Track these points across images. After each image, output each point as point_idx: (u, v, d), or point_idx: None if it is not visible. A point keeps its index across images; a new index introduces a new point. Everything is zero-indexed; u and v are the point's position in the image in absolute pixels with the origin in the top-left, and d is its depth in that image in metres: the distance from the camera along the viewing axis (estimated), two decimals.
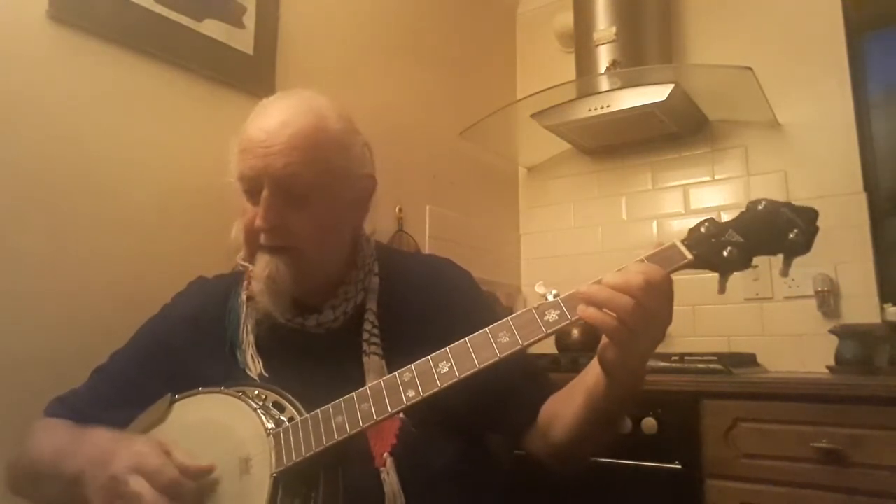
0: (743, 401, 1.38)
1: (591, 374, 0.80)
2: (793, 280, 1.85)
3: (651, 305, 0.70)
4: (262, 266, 0.89)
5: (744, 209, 0.77)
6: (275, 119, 0.90)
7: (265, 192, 0.88)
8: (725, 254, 0.75)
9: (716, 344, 1.93)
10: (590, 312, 0.71)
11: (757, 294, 1.91)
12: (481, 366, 0.73)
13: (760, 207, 0.76)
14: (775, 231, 0.75)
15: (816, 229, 0.74)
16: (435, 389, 0.73)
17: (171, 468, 0.73)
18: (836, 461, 1.25)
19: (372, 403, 0.75)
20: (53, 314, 1.14)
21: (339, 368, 0.90)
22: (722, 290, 0.76)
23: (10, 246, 1.10)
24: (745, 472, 1.35)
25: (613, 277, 0.71)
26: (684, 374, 1.49)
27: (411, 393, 0.74)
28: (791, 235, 0.74)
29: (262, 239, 0.90)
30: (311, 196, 0.90)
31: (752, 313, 1.94)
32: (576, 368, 1.59)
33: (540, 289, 0.76)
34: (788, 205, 0.75)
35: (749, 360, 1.81)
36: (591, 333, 0.74)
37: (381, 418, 0.75)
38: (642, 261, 0.75)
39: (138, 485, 0.71)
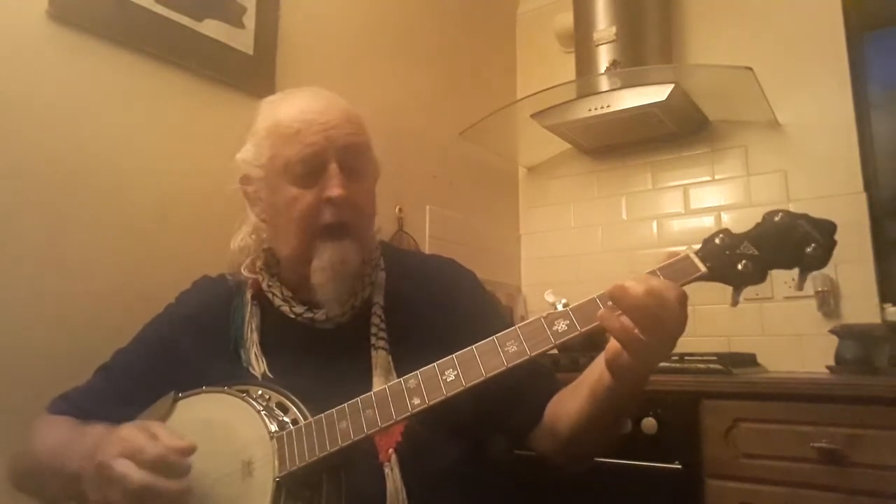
0: (743, 401, 1.38)
1: (596, 372, 0.80)
2: (793, 280, 1.84)
3: (671, 323, 0.69)
4: (333, 252, 0.90)
5: (760, 220, 0.75)
6: (317, 102, 0.94)
7: (334, 165, 0.90)
8: (740, 267, 0.73)
9: (716, 344, 1.92)
10: (611, 323, 0.70)
11: (757, 294, 1.90)
12: (488, 375, 0.72)
13: (777, 219, 0.74)
14: (792, 245, 0.73)
15: (834, 243, 0.72)
16: (441, 398, 0.73)
17: (154, 444, 0.73)
18: (836, 461, 1.25)
19: (377, 409, 0.75)
20: (55, 314, 1.14)
21: (345, 363, 0.90)
22: (735, 303, 0.74)
23: (11, 246, 1.10)
24: (745, 472, 1.35)
25: (639, 288, 0.69)
26: (684, 374, 1.49)
27: (416, 400, 0.74)
28: (808, 250, 0.72)
29: (331, 216, 0.89)
30: (364, 168, 0.94)
31: (752, 313, 1.94)
32: (576, 368, 1.60)
33: (549, 297, 0.75)
34: (806, 217, 0.74)
35: (749, 360, 1.81)
36: (592, 333, 0.74)
37: (385, 425, 0.74)
38: (655, 272, 0.74)
39: (124, 466, 0.71)
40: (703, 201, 2.13)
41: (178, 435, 0.76)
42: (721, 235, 0.75)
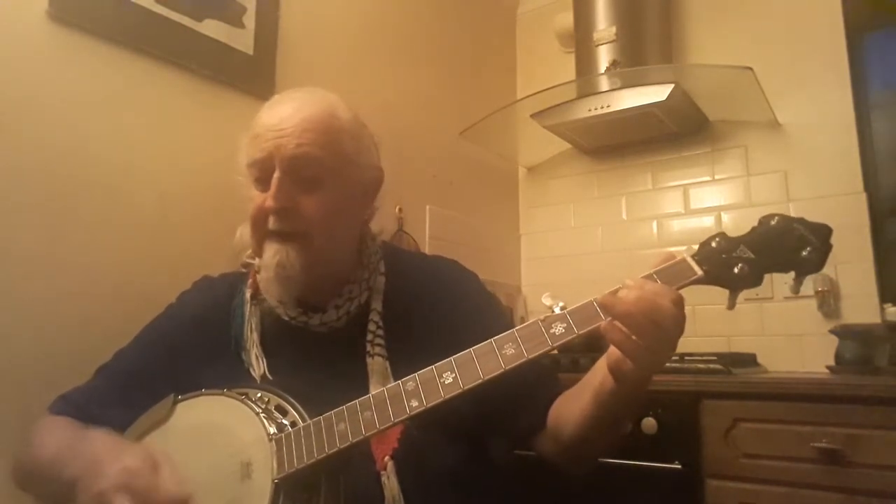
0: (743, 401, 1.38)
1: (598, 376, 0.80)
2: (786, 284, 1.86)
3: (667, 326, 0.70)
4: (272, 253, 0.89)
5: (756, 224, 0.76)
6: (287, 106, 0.93)
7: (276, 174, 0.89)
8: (736, 270, 0.74)
9: (716, 344, 1.92)
10: (613, 335, 0.70)
11: (757, 294, 1.90)
12: (486, 378, 0.72)
13: (773, 223, 0.75)
14: (788, 248, 0.73)
15: (830, 247, 0.73)
16: (438, 400, 0.73)
17: (157, 488, 0.71)
18: (836, 461, 1.25)
19: (375, 412, 0.75)
20: (55, 314, 1.14)
21: (342, 369, 0.90)
22: (731, 306, 0.75)
23: (11, 246, 1.10)
24: (745, 472, 1.35)
25: (630, 295, 0.70)
26: (684, 374, 1.49)
27: (415, 403, 0.74)
28: (804, 253, 0.73)
29: (271, 223, 0.89)
30: (321, 179, 0.91)
31: (752, 313, 1.94)
32: (576, 369, 1.60)
33: (546, 300, 0.75)
34: (802, 221, 0.74)
35: (749, 360, 1.81)
36: (591, 335, 0.74)
37: (383, 427, 0.74)
38: (652, 276, 0.74)
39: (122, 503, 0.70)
40: (703, 201, 2.13)
41: (181, 477, 0.74)
42: (717, 239, 0.76)
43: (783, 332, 1.89)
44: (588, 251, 2.32)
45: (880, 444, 1.23)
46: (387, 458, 0.84)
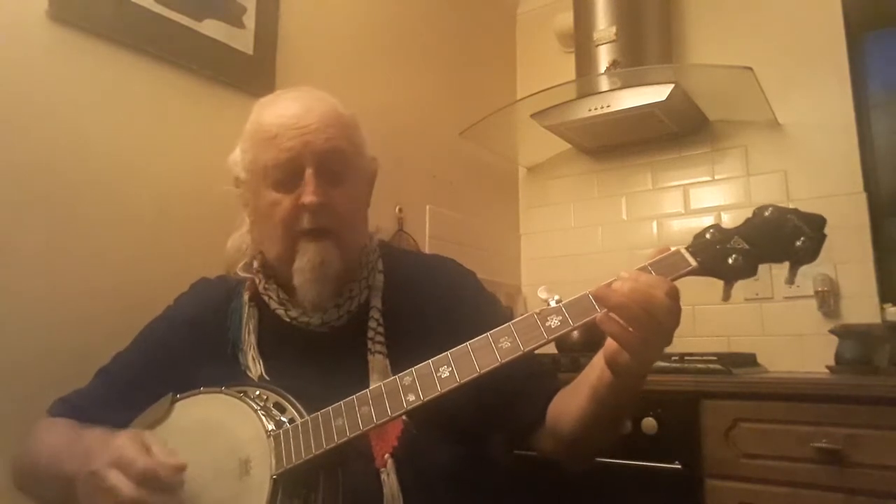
0: (743, 401, 1.38)
1: (596, 370, 0.80)
2: (787, 271, 1.86)
3: (662, 317, 0.70)
4: (313, 253, 0.89)
5: (750, 215, 0.76)
6: (296, 105, 0.93)
7: (309, 171, 0.89)
8: (731, 261, 0.74)
9: (716, 344, 1.93)
10: (609, 326, 0.70)
11: (757, 294, 1.91)
12: (482, 371, 0.72)
13: (767, 214, 0.75)
14: (782, 238, 0.73)
15: (824, 237, 0.73)
16: (436, 394, 0.73)
17: (146, 458, 0.72)
18: (836, 461, 1.25)
19: (372, 407, 0.75)
20: (54, 315, 1.14)
21: (342, 367, 0.90)
22: (727, 297, 0.75)
23: (11, 246, 1.10)
24: (745, 471, 1.35)
25: (624, 287, 0.70)
26: (684, 374, 1.49)
27: (412, 397, 0.74)
28: (798, 243, 0.73)
29: (308, 221, 0.89)
30: (345, 172, 0.93)
31: (752, 313, 1.94)
32: (576, 368, 1.59)
33: (542, 294, 0.75)
34: (795, 211, 0.74)
35: (749, 360, 1.81)
36: (591, 334, 0.74)
37: (380, 422, 0.74)
38: (647, 268, 0.74)
39: (116, 478, 0.71)
40: (703, 201, 2.13)
41: (171, 450, 0.75)
42: (712, 230, 0.76)
43: (783, 332, 1.89)
44: (588, 251, 2.32)
45: (880, 444, 1.23)
46: (387, 455, 0.84)
